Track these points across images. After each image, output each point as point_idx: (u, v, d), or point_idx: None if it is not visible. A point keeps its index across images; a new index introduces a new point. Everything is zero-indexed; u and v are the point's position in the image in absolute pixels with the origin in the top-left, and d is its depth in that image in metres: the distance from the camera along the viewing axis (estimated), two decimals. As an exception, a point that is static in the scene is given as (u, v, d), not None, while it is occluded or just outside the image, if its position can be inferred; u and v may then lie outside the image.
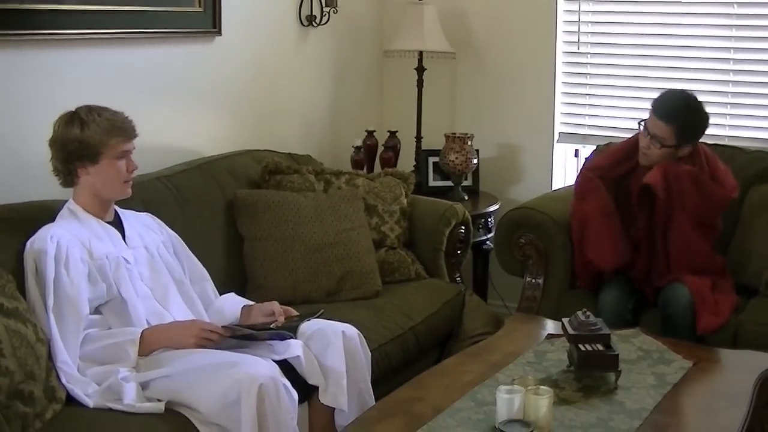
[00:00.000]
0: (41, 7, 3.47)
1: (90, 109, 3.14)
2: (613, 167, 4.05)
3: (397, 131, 5.15)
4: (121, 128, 3.15)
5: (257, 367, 2.85)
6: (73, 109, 3.15)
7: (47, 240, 2.98)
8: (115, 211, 3.26)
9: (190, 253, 3.48)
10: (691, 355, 3.24)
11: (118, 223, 3.24)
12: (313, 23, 4.91)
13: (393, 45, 5.10)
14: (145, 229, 3.35)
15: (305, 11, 4.86)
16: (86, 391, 2.85)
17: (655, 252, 3.90)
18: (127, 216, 3.31)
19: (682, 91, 3.98)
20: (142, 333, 3.01)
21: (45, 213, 3.20)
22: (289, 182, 4.14)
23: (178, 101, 4.15)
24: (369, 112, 5.43)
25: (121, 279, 3.10)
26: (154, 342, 3.02)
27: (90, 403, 2.84)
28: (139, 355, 2.98)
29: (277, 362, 2.99)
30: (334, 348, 3.13)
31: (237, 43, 4.44)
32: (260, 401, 2.75)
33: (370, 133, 5.09)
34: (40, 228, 3.07)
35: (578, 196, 4.09)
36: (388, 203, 4.21)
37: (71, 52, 3.65)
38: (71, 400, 2.85)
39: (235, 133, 4.47)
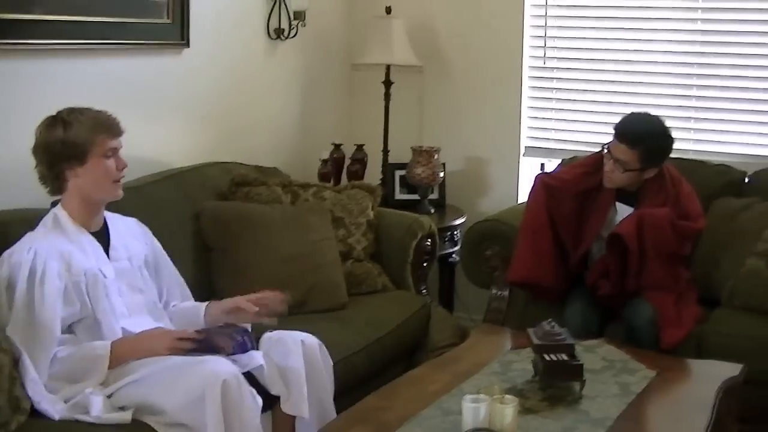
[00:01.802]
0: (6, 16, 3.45)
1: (72, 109, 3.08)
2: (574, 182, 4.04)
3: (364, 144, 5.17)
4: (106, 125, 3.09)
5: (220, 364, 2.86)
6: (54, 113, 3.09)
7: (24, 252, 2.93)
8: (104, 219, 3.20)
9: (170, 263, 3.44)
10: (654, 365, 3.28)
11: (104, 233, 3.18)
12: (282, 36, 4.93)
13: (361, 58, 5.12)
14: (132, 238, 3.29)
15: (273, 24, 4.88)
16: (54, 407, 2.83)
17: (625, 282, 3.86)
18: (115, 222, 3.24)
19: (646, 114, 3.96)
20: (111, 345, 2.98)
21: (26, 222, 3.18)
22: (257, 194, 4.15)
23: (146, 112, 4.14)
24: (337, 125, 5.45)
25: (98, 297, 3.03)
26: (125, 353, 2.98)
27: (56, 416, 2.82)
28: (109, 368, 2.95)
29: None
30: (293, 356, 3.12)
31: (205, 56, 4.45)
32: (224, 397, 2.75)
33: (337, 146, 5.10)
34: (20, 237, 3.03)
35: (525, 210, 4.11)
36: (354, 216, 4.22)
37: (40, 62, 3.64)
38: (36, 412, 2.83)
39: (204, 144, 4.48)
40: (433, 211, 5.00)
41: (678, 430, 2.88)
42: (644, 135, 3.84)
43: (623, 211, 3.93)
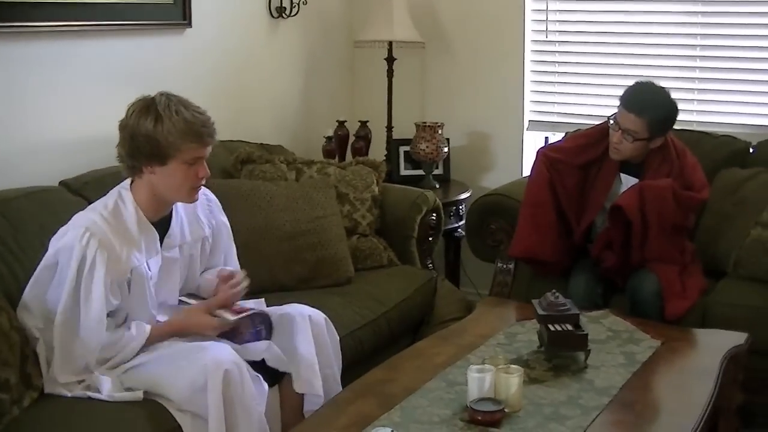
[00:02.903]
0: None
1: (169, 101, 2.94)
2: (576, 153, 4.05)
3: (368, 121, 5.18)
4: (197, 133, 2.92)
5: (222, 352, 2.86)
6: (152, 96, 2.96)
7: (78, 238, 2.85)
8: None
9: (228, 240, 3.39)
10: (659, 335, 3.29)
11: (167, 219, 3.09)
12: (283, 15, 4.93)
13: (363, 36, 5.12)
14: (194, 221, 3.20)
15: (275, 3, 4.88)
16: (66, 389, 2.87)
17: (629, 254, 3.87)
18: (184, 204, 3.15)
19: (651, 83, 3.95)
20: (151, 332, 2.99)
21: (34, 200, 3.25)
22: (261, 172, 4.17)
23: (149, 93, 4.14)
24: (340, 102, 5.46)
25: (137, 294, 2.99)
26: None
27: (68, 393, 2.86)
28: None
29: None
30: (302, 333, 3.14)
31: (208, 35, 4.46)
32: (226, 386, 2.76)
33: (341, 123, 5.12)
34: (30, 215, 3.08)
35: (527, 184, 4.11)
36: (359, 191, 4.24)
37: (39, 44, 3.65)
38: (48, 389, 2.88)
39: (207, 123, 4.49)
40: (437, 186, 5.01)
41: (682, 398, 2.89)
42: (652, 102, 3.84)
43: (628, 182, 3.93)
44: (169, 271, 3.11)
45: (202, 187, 3.11)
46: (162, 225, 3.07)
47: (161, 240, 3.07)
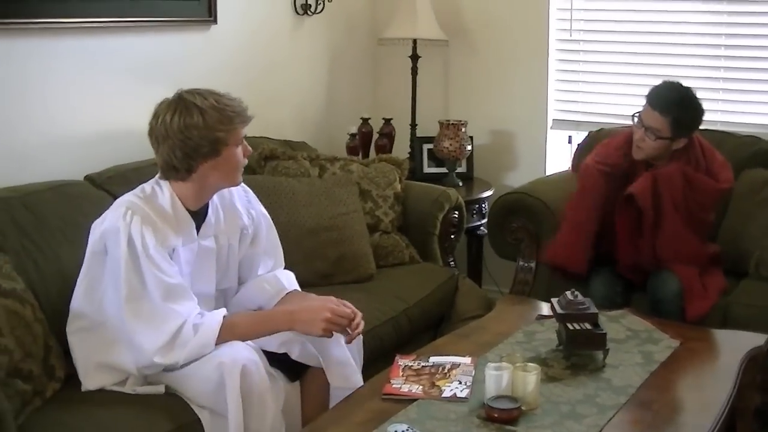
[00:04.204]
0: (37, -5, 3.51)
1: (198, 94, 2.93)
2: (621, 166, 3.97)
3: (391, 119, 5.20)
4: (240, 113, 2.95)
5: (238, 349, 2.86)
6: (175, 95, 2.95)
7: (120, 217, 2.83)
8: None
9: (271, 231, 3.36)
10: (678, 335, 3.28)
11: (203, 210, 3.06)
12: (308, 12, 4.96)
13: (387, 33, 5.14)
14: (232, 210, 3.19)
15: (300, 0, 4.91)
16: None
17: (640, 250, 3.88)
18: (220, 194, 3.12)
19: (678, 83, 3.93)
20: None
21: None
22: (285, 168, 4.19)
23: (175, 89, 4.13)
24: (364, 99, 5.48)
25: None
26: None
27: (90, 386, 2.90)
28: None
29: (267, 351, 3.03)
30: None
31: (232, 32, 4.49)
32: (243, 383, 2.76)
33: (365, 121, 5.13)
34: (41, 209, 3.09)
35: (578, 191, 4.04)
36: (382, 188, 4.26)
37: (66, 40, 3.70)
38: (70, 380, 2.92)
39: (231, 120, 4.52)
40: (460, 184, 5.02)
41: (700, 399, 2.89)
42: (677, 102, 3.83)
43: None
44: (205, 260, 3.10)
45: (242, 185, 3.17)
46: (198, 215, 3.05)
47: (198, 229, 3.05)
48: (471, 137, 5.09)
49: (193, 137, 2.86)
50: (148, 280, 2.81)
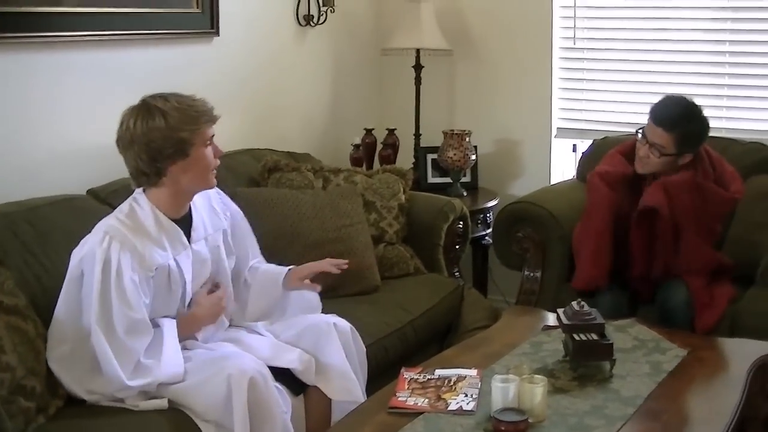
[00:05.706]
0: (39, 9, 3.50)
1: (161, 97, 2.93)
2: (628, 175, 3.95)
3: (395, 129, 5.19)
4: (205, 113, 2.95)
5: (246, 361, 2.86)
6: (138, 102, 2.96)
7: (98, 243, 2.84)
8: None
9: (246, 226, 3.42)
10: (686, 344, 3.27)
11: (188, 215, 3.08)
12: (311, 23, 4.95)
13: (390, 43, 5.13)
14: (212, 213, 3.21)
15: (303, 11, 4.91)
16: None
17: (653, 260, 3.85)
18: (196, 199, 3.12)
19: (682, 97, 3.88)
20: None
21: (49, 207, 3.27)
22: (288, 180, 4.18)
23: (177, 102, 4.18)
24: (367, 110, 5.47)
25: (163, 293, 2.98)
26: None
27: (88, 398, 2.88)
28: None
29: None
30: (331, 342, 3.14)
31: (235, 44, 4.49)
32: (251, 395, 2.76)
33: (369, 131, 5.12)
34: (47, 223, 3.07)
35: (587, 210, 4.00)
36: (386, 199, 4.24)
37: (69, 54, 3.69)
38: (73, 397, 2.89)
39: (235, 131, 4.50)
40: (465, 193, 5.01)
41: (709, 408, 2.87)
42: (682, 118, 3.79)
43: None
44: (202, 264, 3.12)
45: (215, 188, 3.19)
46: (184, 222, 3.06)
47: (189, 236, 3.06)
48: (475, 146, 5.07)
49: (156, 140, 2.87)
50: (114, 313, 2.81)
